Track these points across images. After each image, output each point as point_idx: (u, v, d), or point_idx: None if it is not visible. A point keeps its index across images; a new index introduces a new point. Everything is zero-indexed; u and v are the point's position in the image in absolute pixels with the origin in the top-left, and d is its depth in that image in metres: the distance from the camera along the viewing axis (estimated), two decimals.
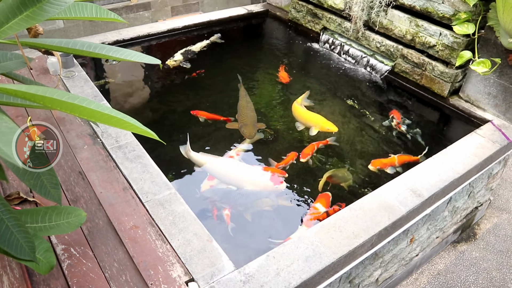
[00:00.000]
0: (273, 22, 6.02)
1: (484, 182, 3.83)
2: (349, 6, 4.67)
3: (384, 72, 4.59)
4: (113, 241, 2.26)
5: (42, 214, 1.78)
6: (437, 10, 3.89)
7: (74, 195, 2.52)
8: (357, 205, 2.67)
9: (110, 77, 4.48)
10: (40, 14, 1.56)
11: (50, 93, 1.44)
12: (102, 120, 1.49)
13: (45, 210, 1.80)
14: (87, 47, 1.79)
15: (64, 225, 1.83)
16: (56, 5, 1.58)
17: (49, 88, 1.46)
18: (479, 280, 3.82)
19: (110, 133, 3.03)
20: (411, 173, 2.99)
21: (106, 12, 1.83)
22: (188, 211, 2.48)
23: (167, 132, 3.77)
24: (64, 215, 1.84)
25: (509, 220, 4.49)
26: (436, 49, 4.00)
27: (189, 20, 5.35)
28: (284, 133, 3.93)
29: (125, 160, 2.81)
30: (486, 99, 3.81)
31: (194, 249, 2.25)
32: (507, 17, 3.21)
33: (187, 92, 4.42)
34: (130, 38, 4.74)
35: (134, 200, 2.52)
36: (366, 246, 2.49)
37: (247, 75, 4.84)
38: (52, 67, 3.66)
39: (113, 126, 1.57)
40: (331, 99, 4.41)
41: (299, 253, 2.29)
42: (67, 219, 1.84)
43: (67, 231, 1.81)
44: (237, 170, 3.42)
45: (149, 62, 1.83)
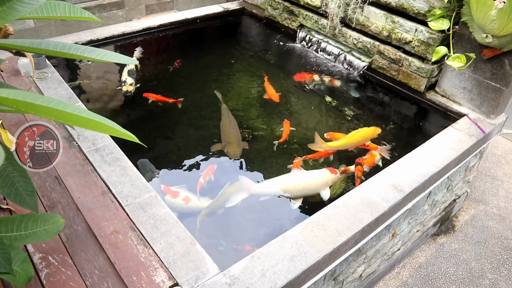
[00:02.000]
0: (250, 20, 5.99)
1: (461, 175, 3.90)
2: (326, 3, 4.67)
3: (361, 68, 4.62)
4: (93, 247, 2.19)
5: (18, 222, 1.70)
6: (412, 6, 3.93)
7: (50, 201, 2.43)
8: (340, 202, 2.67)
9: (85, 78, 4.36)
10: (11, 13, 1.48)
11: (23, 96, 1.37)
12: (79, 124, 1.43)
13: (21, 218, 1.72)
14: (61, 47, 1.72)
15: (41, 233, 1.76)
16: (28, 4, 1.51)
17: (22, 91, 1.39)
18: (459, 271, 3.89)
19: (86, 136, 2.95)
20: (392, 168, 3.02)
21: (80, 11, 1.76)
22: (170, 214, 2.44)
23: (146, 133, 3.70)
24: (41, 223, 1.77)
25: (486, 211, 4.59)
26: (412, 45, 4.05)
27: (165, 18, 5.26)
28: (262, 131, 3.91)
29: (103, 163, 2.73)
30: (461, 94, 3.87)
31: (177, 252, 2.21)
32: (480, 13, 3.26)
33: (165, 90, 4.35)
34: (105, 37, 4.62)
35: (113, 204, 2.45)
36: (350, 243, 2.49)
37: (223, 74, 4.80)
38: (23, 69, 3.53)
39: (91, 130, 1.51)
40: (309, 96, 4.41)
41: (283, 253, 2.28)
42: (44, 226, 1.77)
43: (45, 239, 1.74)
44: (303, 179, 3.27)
45: (126, 62, 1.78)
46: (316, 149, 3.56)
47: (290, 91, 4.50)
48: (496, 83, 3.57)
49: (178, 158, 3.54)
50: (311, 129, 3.92)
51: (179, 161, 3.51)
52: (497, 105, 3.64)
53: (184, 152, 3.62)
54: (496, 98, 3.62)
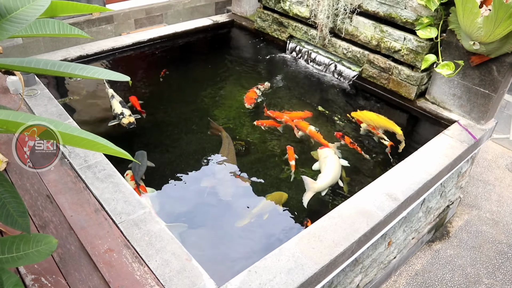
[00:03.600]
0: (239, 32, 6.02)
1: (454, 181, 3.92)
2: (315, 14, 4.71)
3: (351, 77, 4.65)
4: (87, 266, 2.16)
5: (9, 244, 1.66)
6: (400, 16, 3.98)
7: (42, 221, 2.39)
8: (335, 213, 2.66)
9: (75, 94, 4.33)
10: (0, 33, 1.47)
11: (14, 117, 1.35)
12: (72, 143, 1.41)
13: (12, 239, 1.68)
14: (51, 66, 1.71)
15: (33, 254, 1.72)
16: (17, 23, 1.50)
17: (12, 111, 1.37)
18: (455, 277, 3.89)
19: (78, 153, 2.91)
20: (386, 177, 3.02)
21: (69, 28, 1.76)
22: (165, 230, 2.41)
23: (138, 148, 3.66)
24: (33, 244, 1.73)
25: (479, 216, 4.61)
26: (401, 53, 4.09)
27: (154, 32, 5.26)
28: (255, 143, 3.90)
29: (96, 180, 2.70)
30: (451, 100, 3.91)
31: (173, 269, 2.18)
32: (467, 20, 3.31)
33: (155, 104, 4.33)
34: (94, 53, 4.61)
35: (107, 221, 2.42)
36: (346, 253, 2.48)
37: (214, 86, 4.80)
38: (12, 86, 3.49)
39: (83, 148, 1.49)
40: (301, 106, 4.42)
41: (281, 266, 2.26)
42: (37, 247, 1.73)
43: (37, 261, 1.70)
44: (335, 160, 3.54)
45: (117, 79, 1.77)
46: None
47: (282, 102, 4.51)
48: (485, 89, 3.61)
49: (171, 172, 3.51)
50: (304, 140, 3.92)
51: (170, 174, 3.48)
52: (486, 111, 3.68)
53: (176, 166, 3.59)
54: (485, 104, 3.66)
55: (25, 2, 1.52)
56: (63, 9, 1.70)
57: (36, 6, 1.53)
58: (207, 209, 3.27)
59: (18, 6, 1.51)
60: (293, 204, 3.27)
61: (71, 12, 1.72)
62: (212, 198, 3.38)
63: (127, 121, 3.81)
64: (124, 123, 3.81)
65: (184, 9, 7.45)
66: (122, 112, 3.89)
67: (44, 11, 1.56)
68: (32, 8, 1.52)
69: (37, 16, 1.50)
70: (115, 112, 3.93)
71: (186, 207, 3.28)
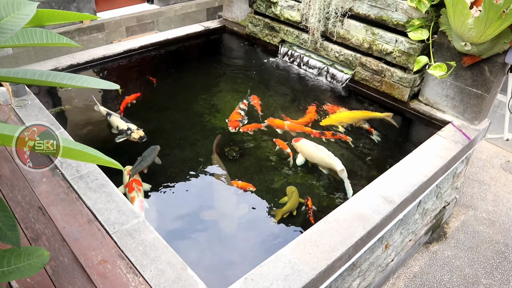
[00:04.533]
0: (231, 38, 6.01)
1: (449, 182, 3.91)
2: (306, 18, 4.71)
3: (344, 81, 4.65)
4: (80, 279, 2.12)
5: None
6: (391, 18, 3.99)
7: (34, 233, 2.35)
8: (331, 217, 2.64)
9: (66, 103, 4.29)
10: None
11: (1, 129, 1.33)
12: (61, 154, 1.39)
13: (3, 253, 1.65)
14: (39, 75, 1.68)
15: (25, 268, 1.69)
16: (2, 33, 1.47)
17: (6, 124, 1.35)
18: (453, 278, 3.88)
19: (70, 163, 2.88)
20: (381, 180, 3.00)
21: (57, 37, 1.73)
22: (159, 239, 2.37)
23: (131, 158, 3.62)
24: (25, 257, 1.69)
25: (476, 216, 4.61)
26: (393, 55, 4.09)
27: (146, 39, 5.24)
28: (249, 148, 3.88)
29: (88, 191, 2.66)
30: (444, 101, 3.91)
31: (168, 279, 2.14)
32: (457, 22, 3.32)
33: (148, 111, 4.30)
34: (85, 61, 4.57)
35: (100, 232, 2.38)
36: (343, 258, 2.46)
37: (207, 92, 4.77)
38: (2, 97, 3.46)
39: (73, 159, 1.47)
40: (295, 111, 4.41)
41: (277, 273, 2.23)
42: (28, 260, 1.70)
43: (29, 274, 1.67)
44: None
45: (106, 87, 1.74)
46: None
47: (276, 106, 4.50)
48: (478, 90, 3.62)
49: (165, 179, 3.48)
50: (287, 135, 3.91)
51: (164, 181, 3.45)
52: (479, 111, 3.69)
53: (171, 174, 3.56)
54: (478, 104, 3.67)
55: (9, 11, 1.50)
56: (50, 17, 1.68)
57: (21, 16, 1.50)
58: (201, 216, 3.23)
59: (3, 16, 1.48)
60: None
61: (58, 20, 1.70)
62: (206, 205, 3.35)
63: (138, 135, 3.72)
64: (135, 138, 3.70)
65: (176, 16, 7.44)
66: (128, 128, 3.77)
67: (30, 20, 1.54)
68: (17, 18, 1.49)
69: (22, 26, 1.47)
70: (120, 128, 3.81)
71: (179, 213, 3.24)
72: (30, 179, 2.72)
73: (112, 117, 3.96)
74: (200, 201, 3.39)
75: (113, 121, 3.92)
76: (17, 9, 1.54)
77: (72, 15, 1.71)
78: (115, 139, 3.74)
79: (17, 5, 1.54)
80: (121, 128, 3.81)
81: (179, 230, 3.07)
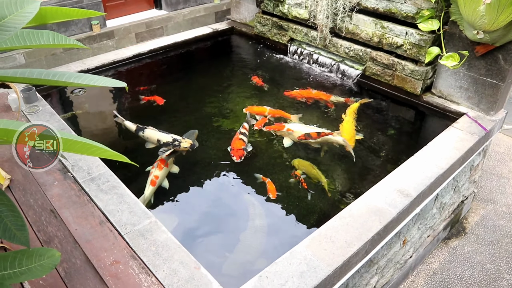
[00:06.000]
0: (240, 39, 6.00)
1: (467, 175, 3.82)
2: (314, 15, 4.67)
3: (355, 76, 4.59)
4: (93, 280, 2.10)
5: (11, 259, 1.62)
6: (400, 10, 3.92)
7: (47, 236, 2.35)
8: (346, 213, 2.58)
9: (77, 108, 4.31)
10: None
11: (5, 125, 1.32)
12: (65, 148, 1.37)
13: (14, 254, 1.64)
14: (45, 75, 1.68)
15: (36, 269, 1.67)
16: (5, 31, 1.46)
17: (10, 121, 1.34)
18: (475, 274, 3.77)
19: (81, 166, 2.88)
20: (396, 173, 2.94)
21: (64, 39, 1.72)
22: (172, 239, 2.35)
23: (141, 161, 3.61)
24: (36, 258, 1.68)
25: (495, 210, 4.49)
26: (404, 48, 4.02)
27: (155, 43, 5.26)
28: (262, 147, 3.84)
29: (99, 192, 2.65)
30: (458, 93, 3.83)
31: (181, 278, 2.11)
32: (468, 9, 3.24)
33: (158, 117, 4.29)
34: (95, 67, 4.60)
35: (112, 233, 2.37)
36: (360, 253, 2.40)
37: (217, 93, 4.75)
38: (14, 104, 3.49)
39: (78, 153, 1.45)
40: (306, 109, 4.36)
41: (292, 270, 2.18)
42: (39, 261, 1.68)
43: (41, 275, 1.65)
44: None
45: (114, 85, 1.72)
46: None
47: (287, 105, 4.45)
48: (492, 79, 3.53)
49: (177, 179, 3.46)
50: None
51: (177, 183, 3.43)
52: (495, 101, 3.59)
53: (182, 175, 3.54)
54: (493, 94, 3.57)
55: (12, 10, 1.49)
56: (53, 15, 1.67)
57: (25, 14, 1.49)
58: (214, 216, 3.21)
59: (6, 14, 1.48)
60: (302, 207, 3.20)
61: (62, 18, 1.68)
62: (219, 204, 3.32)
63: (188, 144, 3.55)
64: (185, 147, 3.54)
65: (184, 21, 7.47)
66: (174, 139, 3.59)
67: (33, 18, 1.53)
68: (20, 16, 1.48)
69: (25, 23, 1.47)
70: (163, 141, 3.60)
71: (193, 214, 3.22)
72: (42, 183, 2.72)
73: (147, 131, 3.71)
74: (210, 200, 3.37)
75: (150, 135, 3.68)
76: (20, 8, 1.53)
77: (75, 12, 1.70)
78: (159, 153, 3.54)
79: (20, 3, 1.54)
80: (165, 141, 3.59)
81: (191, 229, 3.05)
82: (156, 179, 3.22)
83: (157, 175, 3.24)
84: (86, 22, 6.30)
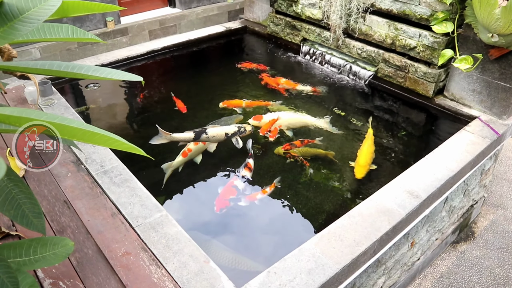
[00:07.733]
0: (252, 38, 6.02)
1: (477, 179, 3.80)
2: (327, 15, 4.68)
3: (367, 78, 4.59)
4: (104, 270, 2.14)
5: (26, 247, 1.66)
6: (414, 12, 3.92)
7: (60, 226, 2.39)
8: (355, 212, 2.59)
9: (91, 103, 4.37)
10: (12, 33, 1.48)
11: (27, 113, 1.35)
12: (84, 139, 1.40)
13: (29, 242, 1.68)
14: (64, 67, 1.71)
15: (50, 257, 1.71)
16: (29, 23, 1.50)
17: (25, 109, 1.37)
18: (483, 279, 3.75)
19: (94, 159, 2.92)
20: (406, 174, 2.94)
21: (83, 33, 1.76)
22: (182, 233, 2.38)
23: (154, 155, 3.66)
24: (50, 246, 1.72)
25: (505, 215, 4.46)
26: (417, 50, 4.01)
27: (168, 40, 5.30)
28: (272, 146, 3.86)
29: (112, 185, 2.70)
30: (471, 96, 3.81)
31: (191, 271, 2.14)
32: (484, 12, 3.23)
33: (171, 113, 4.33)
34: (109, 62, 4.66)
35: (124, 225, 2.41)
36: (368, 253, 2.41)
37: (230, 92, 4.78)
38: (30, 97, 3.55)
39: (96, 144, 1.48)
40: (317, 109, 4.37)
41: (301, 266, 2.20)
42: (53, 250, 1.72)
43: (54, 263, 1.69)
44: None
45: (130, 79, 1.76)
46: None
47: (297, 103, 4.47)
48: (506, 83, 3.51)
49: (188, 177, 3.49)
50: (323, 140, 3.86)
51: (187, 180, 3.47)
52: (508, 105, 3.57)
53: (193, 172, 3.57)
54: (507, 98, 3.55)
55: (36, 2, 1.53)
56: (75, 9, 1.71)
57: (48, 6, 1.53)
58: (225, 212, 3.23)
59: (30, 7, 1.52)
60: (311, 206, 3.22)
61: (83, 11, 1.72)
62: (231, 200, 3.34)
63: (250, 127, 3.85)
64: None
65: (197, 19, 7.53)
66: (239, 127, 3.74)
67: (55, 12, 1.57)
68: (43, 8, 1.52)
69: (48, 16, 1.50)
70: (230, 134, 3.68)
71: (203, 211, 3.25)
72: (56, 174, 2.77)
73: (210, 130, 3.65)
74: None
75: (217, 132, 3.66)
76: (44, 0, 1.57)
77: (96, 6, 1.74)
78: (237, 145, 3.67)
79: None
80: (232, 132, 3.69)
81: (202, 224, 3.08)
82: (188, 151, 3.32)
83: (191, 149, 3.34)
84: (101, 18, 6.39)
